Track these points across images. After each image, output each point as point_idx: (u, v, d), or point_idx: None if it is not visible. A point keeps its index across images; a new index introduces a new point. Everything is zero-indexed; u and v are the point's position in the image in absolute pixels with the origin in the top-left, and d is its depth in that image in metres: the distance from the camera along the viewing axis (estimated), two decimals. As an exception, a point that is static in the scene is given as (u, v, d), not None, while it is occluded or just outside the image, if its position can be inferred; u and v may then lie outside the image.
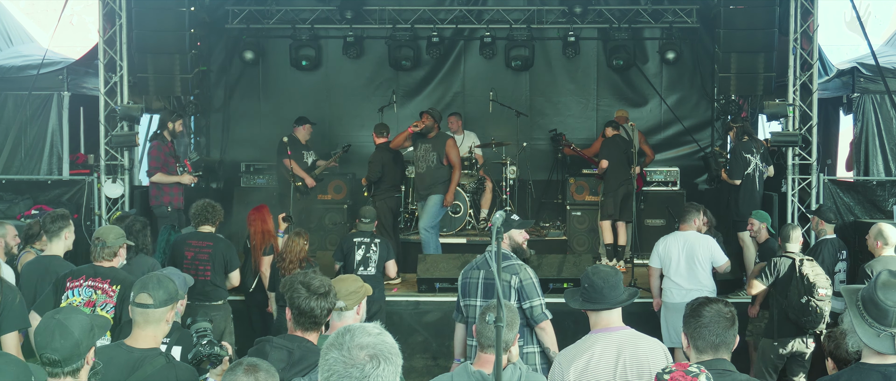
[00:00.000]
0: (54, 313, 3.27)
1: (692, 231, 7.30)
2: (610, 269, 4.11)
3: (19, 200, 9.06)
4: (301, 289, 3.65)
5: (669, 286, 7.24)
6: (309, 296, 3.63)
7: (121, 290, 5.12)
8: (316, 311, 3.64)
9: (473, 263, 5.42)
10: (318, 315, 3.66)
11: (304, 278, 3.71)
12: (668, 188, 10.59)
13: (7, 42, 11.26)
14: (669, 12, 11.68)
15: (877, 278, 3.13)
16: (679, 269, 7.15)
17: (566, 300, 4.17)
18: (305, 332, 3.67)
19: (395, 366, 2.42)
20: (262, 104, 12.38)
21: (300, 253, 6.99)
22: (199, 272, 6.89)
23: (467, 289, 5.36)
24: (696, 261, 7.12)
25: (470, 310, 5.31)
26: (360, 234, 7.76)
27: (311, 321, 3.65)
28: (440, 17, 11.90)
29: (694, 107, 12.41)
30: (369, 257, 7.61)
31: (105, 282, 5.16)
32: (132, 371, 3.58)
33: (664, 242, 7.32)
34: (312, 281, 3.68)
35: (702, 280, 7.13)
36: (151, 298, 3.75)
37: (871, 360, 3.13)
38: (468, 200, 10.50)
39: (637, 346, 3.89)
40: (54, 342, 3.13)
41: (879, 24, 14.45)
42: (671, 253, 7.21)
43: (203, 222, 7.16)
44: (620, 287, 4.02)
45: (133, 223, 6.55)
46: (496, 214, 3.12)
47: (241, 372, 2.92)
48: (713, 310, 3.47)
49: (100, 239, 5.33)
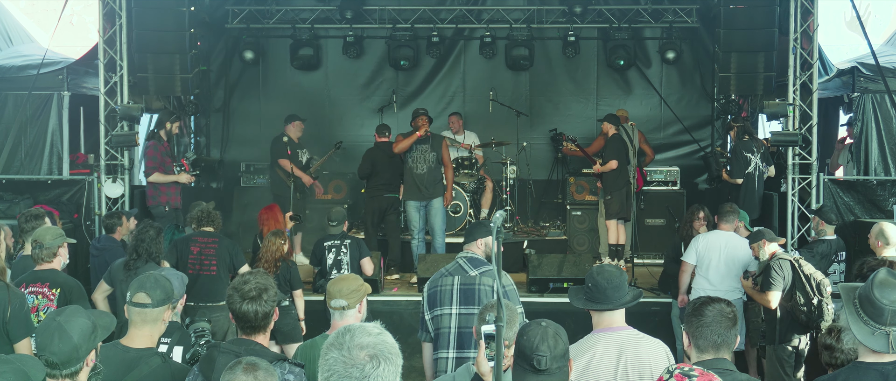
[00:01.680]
0: (56, 315, 3.24)
1: (733, 233, 7.25)
2: (615, 269, 4.06)
3: (19, 199, 9.06)
4: (234, 294, 3.62)
5: (701, 285, 7.13)
6: (241, 300, 3.58)
7: (61, 293, 5.05)
8: (249, 314, 3.57)
9: (443, 271, 5.05)
10: (252, 318, 3.59)
11: (239, 282, 3.66)
12: (668, 188, 10.59)
13: (7, 42, 11.26)
14: (669, 12, 11.68)
15: (874, 276, 3.14)
16: (719, 269, 7.11)
17: (570, 299, 4.14)
18: (251, 335, 3.62)
19: (396, 366, 2.42)
20: (262, 104, 12.38)
21: (276, 253, 7.01)
22: (204, 267, 6.92)
23: (437, 298, 4.93)
24: (734, 263, 7.09)
25: (442, 320, 4.88)
26: (329, 237, 7.88)
27: (248, 324, 3.60)
28: (440, 16, 11.91)
29: (694, 106, 12.41)
30: (341, 260, 7.71)
31: (44, 286, 5.07)
32: (128, 371, 3.57)
33: (705, 239, 7.24)
34: (245, 285, 3.63)
35: (735, 283, 7.09)
36: (149, 297, 3.75)
37: (869, 359, 3.14)
38: (468, 199, 10.50)
39: (639, 346, 3.87)
40: (53, 345, 3.12)
41: (879, 23, 14.45)
42: (711, 252, 7.13)
43: (206, 224, 7.21)
44: (624, 288, 3.99)
45: (146, 230, 6.31)
46: (496, 213, 3.11)
47: (241, 371, 2.93)
48: (715, 309, 3.46)
49: (37, 241, 5.23)
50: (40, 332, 3.20)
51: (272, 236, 7.09)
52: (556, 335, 3.21)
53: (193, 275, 7.04)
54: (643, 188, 10.42)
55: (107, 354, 3.62)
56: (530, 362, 3.16)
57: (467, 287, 4.91)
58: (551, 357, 3.16)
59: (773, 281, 6.34)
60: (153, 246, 6.20)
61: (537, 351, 3.15)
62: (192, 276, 7.07)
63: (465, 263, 5.00)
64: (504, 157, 11.03)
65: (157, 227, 6.46)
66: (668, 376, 2.90)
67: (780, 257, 6.47)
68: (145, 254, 6.13)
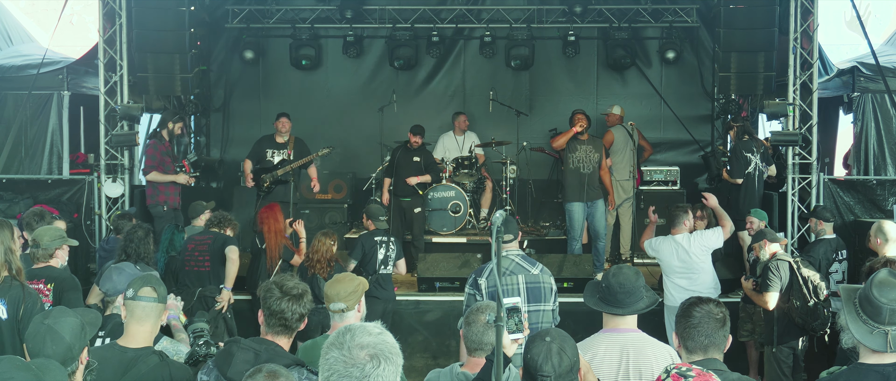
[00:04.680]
0: (43, 318, 3.20)
1: (683, 234, 7.24)
2: (632, 272, 3.96)
3: (19, 199, 9.06)
4: (274, 290, 3.57)
5: (670, 289, 7.20)
6: (281, 297, 3.54)
7: (56, 287, 5.05)
8: (286, 313, 3.53)
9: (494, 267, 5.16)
10: (288, 318, 3.54)
11: (280, 279, 3.63)
12: (668, 188, 10.58)
13: (7, 42, 11.27)
14: (669, 12, 11.67)
15: (874, 276, 3.14)
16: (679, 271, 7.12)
17: (584, 298, 4.07)
18: (275, 336, 3.56)
19: (396, 366, 2.42)
20: (262, 104, 12.37)
21: (328, 253, 6.95)
22: (198, 264, 7.03)
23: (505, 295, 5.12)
24: (693, 262, 7.09)
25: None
26: (380, 233, 7.64)
27: (280, 322, 3.55)
28: (440, 16, 11.90)
29: (694, 106, 12.40)
30: (389, 256, 7.61)
31: (40, 282, 5.05)
32: (126, 371, 3.54)
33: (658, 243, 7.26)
34: (287, 282, 3.60)
35: (704, 280, 7.09)
36: (155, 292, 3.74)
37: (869, 360, 3.13)
38: (468, 199, 10.50)
39: (642, 350, 3.83)
40: (46, 349, 3.09)
41: (879, 23, 14.45)
42: (663, 256, 7.18)
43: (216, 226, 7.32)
44: (638, 293, 3.90)
45: (134, 231, 6.30)
46: (496, 213, 3.10)
47: (262, 378, 2.86)
48: (704, 310, 3.45)
49: (35, 241, 5.21)
50: (30, 337, 3.16)
51: (322, 237, 7.02)
52: (560, 351, 3.11)
53: (189, 272, 7.09)
54: (642, 188, 10.42)
55: (104, 355, 3.60)
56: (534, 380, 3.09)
57: (533, 285, 5.10)
58: (556, 376, 3.07)
59: (771, 282, 6.35)
60: (142, 247, 6.16)
61: (541, 371, 3.07)
62: (188, 273, 7.13)
63: (522, 260, 5.18)
64: (504, 157, 11.03)
65: (145, 227, 6.44)
66: (665, 375, 2.90)
67: (779, 258, 6.48)
68: (135, 255, 6.09)
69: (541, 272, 5.19)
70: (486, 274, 5.19)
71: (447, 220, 10.38)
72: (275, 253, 7.47)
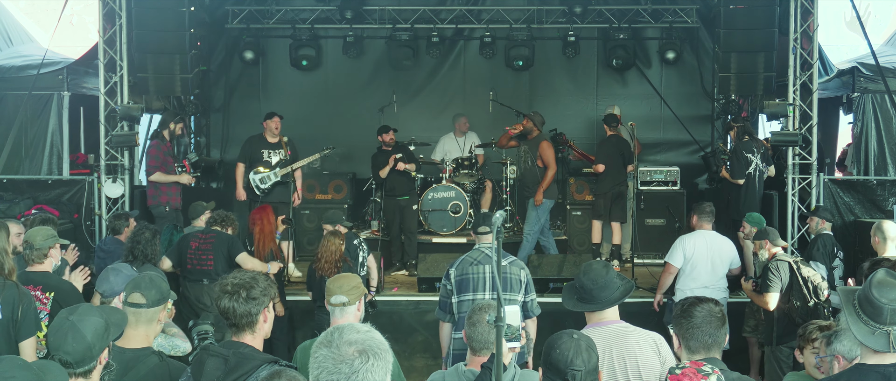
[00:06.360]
0: (68, 314, 3.18)
1: (714, 231, 7.24)
2: (600, 267, 4.10)
3: (19, 199, 9.05)
4: (216, 288, 3.45)
5: (689, 286, 7.06)
6: (220, 294, 3.40)
7: (54, 297, 5.00)
8: (228, 311, 3.37)
9: (471, 259, 5.41)
10: (231, 316, 3.37)
11: (227, 278, 3.48)
12: (668, 188, 10.57)
13: (7, 42, 11.27)
14: (669, 12, 11.68)
15: (873, 276, 3.14)
16: (705, 268, 7.07)
17: (563, 300, 4.19)
18: (238, 336, 3.42)
19: (385, 362, 2.43)
20: (262, 104, 12.34)
21: (335, 253, 6.87)
22: (201, 263, 7.01)
23: (469, 285, 5.32)
24: (721, 261, 7.08)
25: (467, 305, 5.20)
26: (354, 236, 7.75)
27: (229, 322, 3.42)
28: (440, 16, 11.90)
29: (694, 107, 12.40)
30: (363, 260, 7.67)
31: (37, 289, 4.98)
32: (126, 372, 3.53)
33: (691, 240, 7.17)
34: (226, 279, 3.46)
35: (722, 282, 7.10)
36: (144, 297, 3.72)
37: (870, 360, 3.13)
38: (468, 200, 10.49)
39: (626, 340, 3.93)
40: (66, 345, 3.08)
41: (879, 23, 14.45)
42: (698, 253, 7.07)
43: (217, 225, 7.29)
44: (612, 285, 4.02)
45: (141, 232, 6.30)
46: (496, 213, 3.11)
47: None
48: (705, 310, 3.48)
49: (28, 242, 5.16)
50: (53, 331, 3.14)
51: (330, 236, 6.97)
52: (588, 347, 3.12)
53: (192, 270, 7.08)
54: (642, 188, 10.41)
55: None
56: (564, 376, 3.05)
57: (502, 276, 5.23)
58: (586, 372, 3.06)
59: (771, 283, 6.36)
60: (149, 248, 6.19)
61: (572, 366, 3.05)
62: (191, 271, 7.12)
63: (491, 252, 5.27)
64: (504, 157, 11.03)
65: (152, 229, 6.45)
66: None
67: (778, 258, 6.49)
68: (142, 256, 6.13)
69: (510, 264, 5.38)
70: (455, 264, 5.45)
71: (447, 220, 10.38)
72: (263, 255, 7.49)
